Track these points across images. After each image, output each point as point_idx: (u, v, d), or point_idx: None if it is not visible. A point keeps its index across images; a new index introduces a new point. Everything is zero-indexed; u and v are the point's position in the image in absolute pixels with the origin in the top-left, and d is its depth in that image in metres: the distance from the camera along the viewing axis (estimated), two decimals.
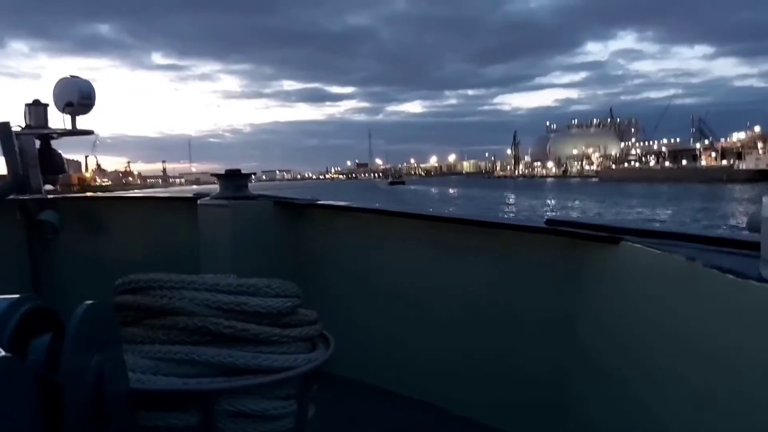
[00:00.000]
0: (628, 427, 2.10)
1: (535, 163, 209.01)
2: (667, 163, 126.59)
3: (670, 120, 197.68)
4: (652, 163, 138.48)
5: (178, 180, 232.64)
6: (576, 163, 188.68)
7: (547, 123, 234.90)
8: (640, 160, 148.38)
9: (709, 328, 1.64)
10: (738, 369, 1.49)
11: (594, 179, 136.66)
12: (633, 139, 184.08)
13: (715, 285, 1.58)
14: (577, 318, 2.55)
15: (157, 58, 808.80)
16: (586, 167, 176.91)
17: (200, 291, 1.95)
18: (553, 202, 61.73)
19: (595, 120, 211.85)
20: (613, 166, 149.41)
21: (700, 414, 1.66)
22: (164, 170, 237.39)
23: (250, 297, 1.96)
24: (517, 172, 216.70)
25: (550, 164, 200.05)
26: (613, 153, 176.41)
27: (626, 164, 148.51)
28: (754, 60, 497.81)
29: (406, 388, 3.17)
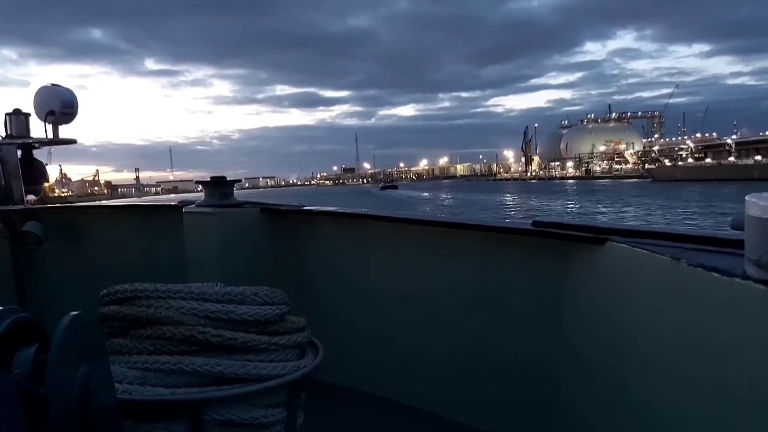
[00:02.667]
0: (617, 423, 2.11)
1: (553, 163, 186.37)
2: (758, 157, 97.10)
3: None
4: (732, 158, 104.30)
5: (153, 189, 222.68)
6: (601, 161, 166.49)
7: (536, 125, 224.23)
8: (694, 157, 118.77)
9: (695, 325, 1.66)
10: (722, 364, 1.50)
11: (631, 180, 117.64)
12: (656, 135, 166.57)
13: (700, 283, 1.60)
14: (565, 318, 2.56)
15: (150, 63, 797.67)
16: (616, 166, 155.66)
17: (187, 300, 1.94)
18: None
19: (613, 114, 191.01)
20: (667, 163, 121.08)
21: (686, 406, 1.68)
22: (137, 178, 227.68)
23: (238, 305, 1.95)
24: (529, 173, 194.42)
25: (570, 164, 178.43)
26: (636, 149, 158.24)
27: (680, 161, 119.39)
28: (749, 57, 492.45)
29: (395, 393, 3.17)
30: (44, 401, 1.13)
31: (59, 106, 4.40)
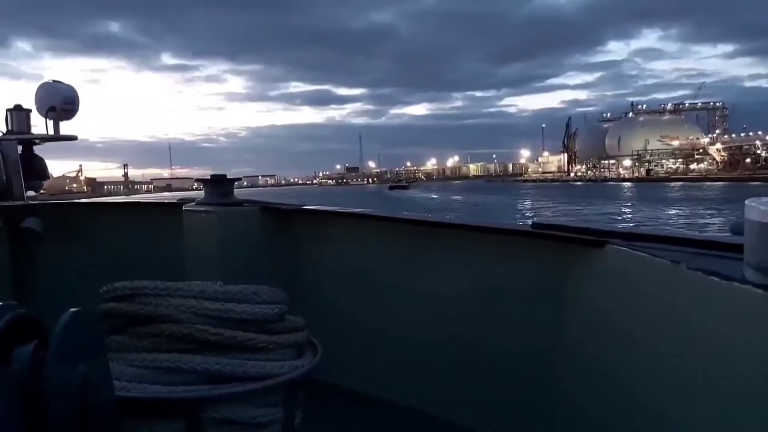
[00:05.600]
0: (618, 426, 2.11)
1: (606, 161, 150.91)
2: None
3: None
4: None
5: (145, 186, 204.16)
6: (666, 159, 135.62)
7: (543, 125, 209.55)
8: None
9: (694, 329, 1.66)
10: (722, 367, 1.51)
11: (718, 183, 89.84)
12: (718, 131, 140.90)
13: (699, 287, 1.60)
14: (565, 320, 2.57)
15: (167, 58, 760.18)
16: (695, 165, 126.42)
17: (187, 298, 1.94)
18: None
19: (669, 105, 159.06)
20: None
21: (686, 408, 1.69)
22: (126, 175, 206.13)
23: (237, 304, 1.95)
24: (572, 173, 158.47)
25: (627, 162, 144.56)
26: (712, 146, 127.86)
27: None
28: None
29: (394, 393, 3.17)
30: (43, 397, 1.13)
31: (60, 102, 4.41)
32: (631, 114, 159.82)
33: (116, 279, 2.03)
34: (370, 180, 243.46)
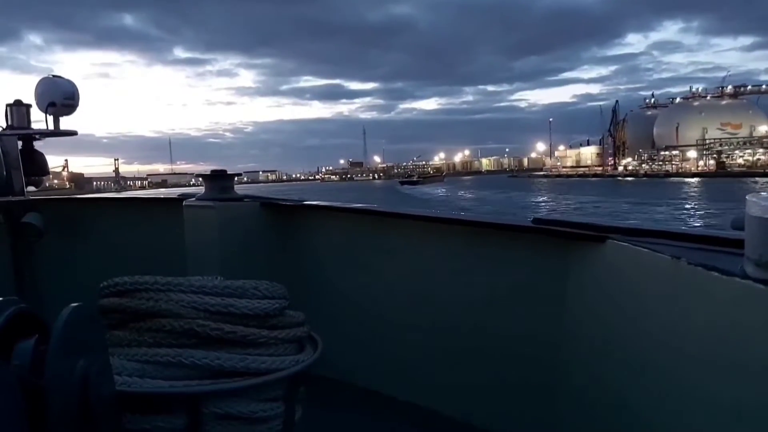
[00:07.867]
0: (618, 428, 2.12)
1: (667, 152, 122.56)
2: None
3: None
4: None
5: (139, 182, 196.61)
6: (740, 150, 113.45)
7: (551, 119, 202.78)
8: None
9: (694, 324, 1.66)
10: (721, 362, 1.51)
11: None
12: None
13: (699, 282, 1.61)
14: (565, 316, 2.57)
15: (179, 51, 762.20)
16: None
17: (187, 293, 1.94)
18: None
19: (728, 87, 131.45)
20: None
21: (685, 403, 1.69)
22: (116, 170, 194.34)
23: (238, 299, 1.96)
24: (619, 167, 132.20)
25: (692, 154, 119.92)
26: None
27: None
28: None
29: (394, 389, 3.17)
30: (44, 393, 1.13)
31: (60, 97, 4.40)
32: (679, 99, 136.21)
33: (117, 274, 2.03)
34: (376, 175, 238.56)
